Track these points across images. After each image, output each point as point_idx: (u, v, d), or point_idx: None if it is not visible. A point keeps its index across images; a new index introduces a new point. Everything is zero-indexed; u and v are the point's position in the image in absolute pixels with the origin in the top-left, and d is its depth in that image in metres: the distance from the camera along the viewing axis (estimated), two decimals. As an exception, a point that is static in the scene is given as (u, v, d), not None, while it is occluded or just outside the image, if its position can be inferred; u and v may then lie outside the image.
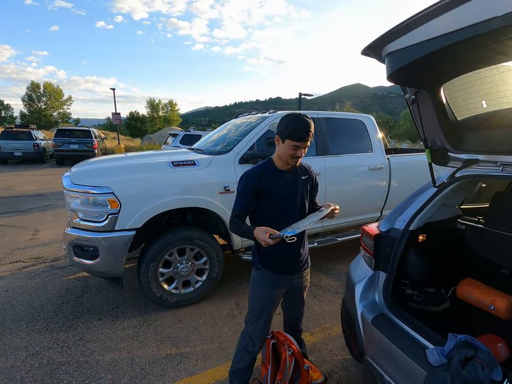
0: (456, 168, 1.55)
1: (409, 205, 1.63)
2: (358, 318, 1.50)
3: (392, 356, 1.30)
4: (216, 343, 2.27)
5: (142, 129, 47.72)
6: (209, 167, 2.74)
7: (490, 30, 0.81)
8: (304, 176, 1.60)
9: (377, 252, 1.56)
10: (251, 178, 1.49)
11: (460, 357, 1.06)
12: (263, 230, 1.32)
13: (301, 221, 1.44)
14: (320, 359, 2.10)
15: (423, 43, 1.00)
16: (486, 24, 0.81)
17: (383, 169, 3.71)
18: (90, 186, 2.37)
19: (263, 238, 1.30)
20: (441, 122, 1.46)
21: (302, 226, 1.34)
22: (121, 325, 2.46)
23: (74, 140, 12.85)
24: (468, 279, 1.68)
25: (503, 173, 1.38)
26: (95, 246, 2.37)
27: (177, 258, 2.64)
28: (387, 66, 1.17)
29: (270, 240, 1.29)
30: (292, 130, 1.38)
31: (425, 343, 1.24)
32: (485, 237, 1.66)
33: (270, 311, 1.59)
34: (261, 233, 1.32)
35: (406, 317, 1.37)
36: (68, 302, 2.77)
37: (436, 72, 1.20)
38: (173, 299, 2.66)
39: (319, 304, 2.82)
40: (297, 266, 1.59)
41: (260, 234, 1.32)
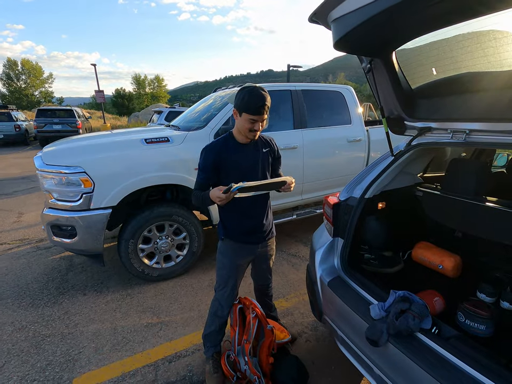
0: (412, 136, 1.59)
1: (368, 173, 1.69)
2: (317, 281, 1.60)
3: (343, 314, 1.41)
4: (196, 311, 2.40)
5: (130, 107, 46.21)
6: (184, 143, 2.74)
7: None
8: (265, 148, 1.62)
9: (336, 220, 1.63)
10: (210, 152, 1.51)
11: (396, 310, 1.16)
12: (217, 188, 1.37)
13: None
14: (292, 322, 2.25)
15: (362, 8, 1.00)
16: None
17: (362, 141, 3.74)
18: (62, 166, 2.36)
19: (217, 194, 1.34)
20: (396, 91, 1.47)
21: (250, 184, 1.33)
22: (105, 299, 2.57)
23: (57, 120, 12.44)
24: (423, 242, 1.78)
25: (453, 139, 1.42)
26: (72, 225, 2.41)
27: (157, 234, 2.71)
28: (333, 33, 1.16)
29: (223, 195, 1.31)
30: (247, 104, 1.39)
31: (372, 300, 1.35)
32: (440, 203, 1.74)
33: (235, 279, 1.68)
34: (215, 191, 1.36)
35: (358, 279, 1.47)
36: (53, 280, 2.86)
37: (382, 37, 1.20)
38: (154, 273, 2.76)
39: (296, 272, 2.96)
40: (260, 236, 1.66)
41: (214, 192, 1.36)
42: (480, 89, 1.24)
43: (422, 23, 1.10)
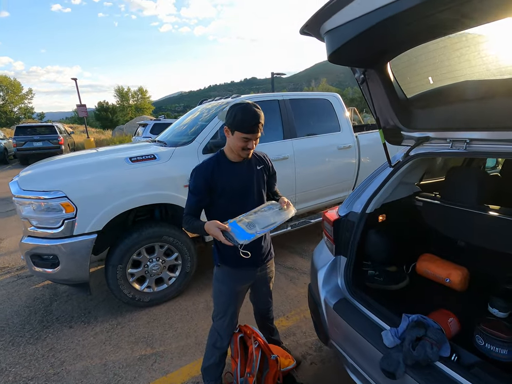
0: (410, 147, 1.54)
1: (367, 187, 1.62)
2: (322, 303, 1.51)
3: (353, 340, 1.32)
4: (192, 338, 2.25)
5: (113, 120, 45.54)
6: (171, 160, 2.62)
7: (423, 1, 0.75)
8: (259, 166, 1.53)
9: (337, 237, 1.55)
10: (201, 173, 1.41)
11: (411, 337, 1.08)
12: (214, 224, 1.26)
13: (257, 213, 1.38)
14: (295, 343, 2.14)
15: (357, 19, 0.93)
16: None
17: (352, 148, 3.71)
18: (41, 191, 2.20)
19: (214, 232, 1.25)
20: (391, 101, 1.42)
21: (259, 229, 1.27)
22: (93, 331, 2.39)
23: (37, 137, 12.04)
24: (426, 255, 1.73)
25: (452, 149, 1.38)
26: (54, 254, 2.24)
27: (147, 257, 2.56)
28: (326, 46, 1.10)
29: (223, 238, 1.24)
30: (240, 122, 1.30)
31: (382, 325, 1.26)
32: (440, 212, 1.69)
33: (235, 306, 1.57)
34: (212, 227, 1.26)
35: (366, 300, 1.39)
36: (35, 313, 2.65)
37: (378, 49, 1.15)
38: (146, 298, 2.60)
39: (294, 287, 2.86)
40: (259, 259, 1.56)
41: (211, 228, 1.27)
42: (480, 97, 1.20)
43: (418, 34, 1.05)
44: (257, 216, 1.37)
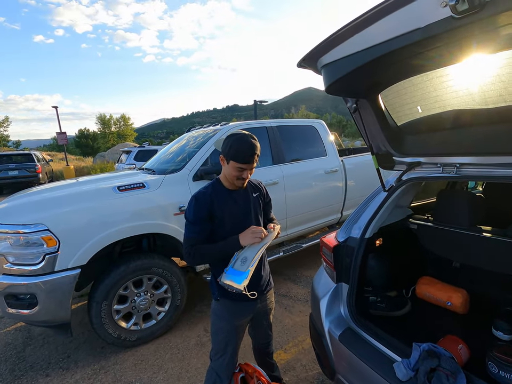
0: (402, 171, 1.59)
1: (363, 211, 1.64)
2: (326, 335, 1.45)
3: (362, 373, 1.25)
4: (185, 379, 2.08)
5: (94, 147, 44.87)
6: (161, 188, 2.56)
7: (413, 41, 0.80)
8: (255, 193, 1.52)
9: (337, 264, 1.52)
10: (202, 202, 1.37)
11: (426, 368, 1.04)
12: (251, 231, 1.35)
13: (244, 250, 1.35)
14: (296, 378, 2.03)
15: (355, 55, 0.98)
16: (409, 36, 0.80)
17: (339, 171, 3.80)
18: (20, 225, 2.06)
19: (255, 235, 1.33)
20: (383, 128, 1.48)
21: (251, 258, 1.26)
22: (73, 378, 2.16)
23: (13, 165, 11.54)
24: (425, 278, 1.73)
25: (443, 173, 1.43)
26: (32, 293, 2.06)
27: (134, 291, 2.41)
28: (324, 78, 1.14)
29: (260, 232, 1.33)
30: (235, 152, 1.30)
31: (392, 355, 1.21)
32: (434, 234, 1.72)
33: (235, 343, 1.47)
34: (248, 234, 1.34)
35: (371, 329, 1.34)
36: (6, 361, 2.38)
37: (371, 82, 1.21)
38: (133, 337, 2.41)
39: (290, 316, 2.76)
40: (259, 290, 1.49)
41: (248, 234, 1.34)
42: (467, 124, 1.27)
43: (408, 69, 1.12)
44: (246, 249, 1.34)
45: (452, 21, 0.71)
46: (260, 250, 1.34)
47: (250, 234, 1.33)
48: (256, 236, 1.33)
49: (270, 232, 1.39)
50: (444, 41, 0.81)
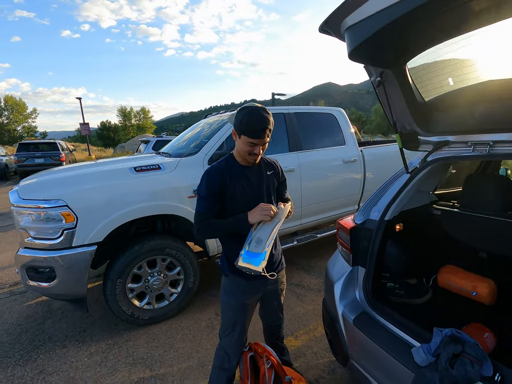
0: (428, 152, 1.49)
1: (383, 194, 1.55)
2: (340, 319, 1.39)
3: (377, 358, 1.19)
4: (195, 359, 2.09)
5: (115, 139, 46.18)
6: (176, 171, 2.56)
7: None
8: (269, 171, 1.47)
9: (354, 246, 1.46)
10: (214, 177, 1.34)
11: (448, 354, 0.97)
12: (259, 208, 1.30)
13: (257, 230, 1.30)
14: (306, 365, 1.99)
15: (381, 12, 0.91)
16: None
17: (357, 162, 3.68)
18: (41, 200, 2.12)
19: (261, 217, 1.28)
20: (409, 105, 1.38)
21: (266, 238, 1.22)
22: (88, 351, 2.22)
23: (39, 153, 12.08)
24: (448, 266, 1.63)
25: (474, 152, 1.32)
26: (51, 266, 2.12)
27: (148, 271, 2.44)
28: (347, 42, 1.07)
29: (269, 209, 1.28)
30: (246, 126, 1.25)
31: (410, 341, 1.15)
32: (460, 221, 1.61)
33: (244, 320, 1.45)
34: (257, 211, 1.29)
35: (388, 314, 1.28)
36: (27, 331, 2.49)
37: (398, 46, 1.12)
38: (145, 316, 2.45)
39: (302, 304, 2.71)
40: (269, 269, 1.45)
41: (257, 211, 1.29)
42: (503, 97, 1.16)
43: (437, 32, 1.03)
44: (259, 228, 1.30)
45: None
46: (273, 230, 1.30)
47: (259, 211, 1.29)
48: (265, 213, 1.28)
49: (280, 210, 1.33)
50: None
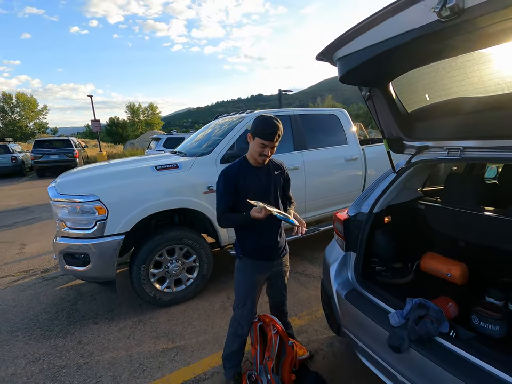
0: (411, 155, 1.74)
1: (374, 190, 1.81)
2: (334, 294, 1.67)
3: (363, 325, 1.47)
4: (210, 334, 2.40)
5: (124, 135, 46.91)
6: (192, 169, 2.86)
7: (412, 38, 0.98)
8: (276, 171, 1.75)
9: (347, 234, 1.73)
10: (230, 176, 1.63)
11: (415, 316, 1.24)
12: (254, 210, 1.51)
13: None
14: (307, 339, 2.27)
15: (365, 49, 1.16)
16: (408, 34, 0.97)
17: (359, 160, 3.92)
18: (77, 195, 2.44)
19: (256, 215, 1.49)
20: (394, 115, 1.64)
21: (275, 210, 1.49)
22: (117, 326, 2.56)
23: (54, 150, 12.59)
24: (430, 253, 1.88)
25: (449, 156, 1.57)
26: (86, 253, 2.45)
27: (167, 258, 2.75)
28: (338, 69, 1.33)
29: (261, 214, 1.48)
30: (261, 130, 1.54)
31: (389, 309, 1.42)
32: (441, 215, 1.87)
33: (254, 296, 1.74)
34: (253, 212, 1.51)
35: (373, 289, 1.55)
36: (62, 310, 2.84)
37: (381, 72, 1.37)
38: (166, 298, 2.77)
39: (305, 290, 3.00)
40: (275, 253, 1.74)
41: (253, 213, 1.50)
42: (470, 111, 1.41)
43: (415, 60, 1.27)
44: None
45: (439, 23, 0.88)
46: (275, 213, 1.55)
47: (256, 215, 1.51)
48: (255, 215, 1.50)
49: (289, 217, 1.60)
50: (436, 39, 0.97)
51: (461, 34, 0.91)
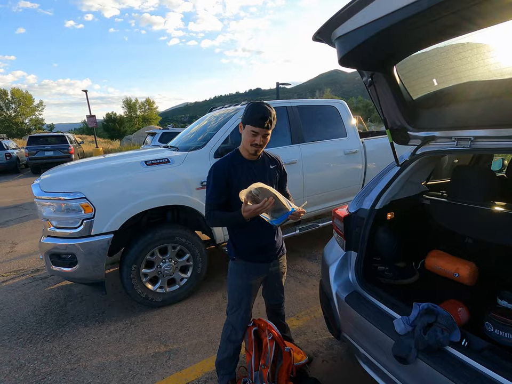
0: (416, 146, 1.61)
1: (376, 185, 1.69)
2: (333, 297, 1.56)
3: (365, 330, 1.36)
4: (204, 336, 2.30)
5: (121, 130, 46.52)
6: (184, 164, 2.72)
7: (420, 10, 0.84)
8: (272, 165, 1.62)
9: (347, 233, 1.61)
10: (220, 170, 1.50)
11: (422, 323, 1.12)
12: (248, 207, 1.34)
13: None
14: (306, 341, 2.17)
15: (366, 26, 1.03)
16: (416, 5, 0.84)
17: (359, 153, 3.79)
18: (61, 192, 2.31)
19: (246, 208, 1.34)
20: (398, 103, 1.50)
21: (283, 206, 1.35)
22: (108, 329, 2.45)
23: (49, 146, 12.36)
24: (435, 251, 1.77)
25: (457, 147, 1.44)
26: (73, 253, 2.33)
27: (160, 257, 2.64)
28: (337, 50, 1.19)
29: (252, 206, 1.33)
30: (250, 116, 1.41)
31: (394, 314, 1.31)
32: (448, 210, 1.74)
33: (249, 299, 1.62)
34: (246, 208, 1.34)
35: (376, 292, 1.44)
36: (51, 312, 2.73)
37: (385, 53, 1.24)
38: (158, 298, 2.66)
39: (304, 289, 2.89)
40: (272, 254, 1.62)
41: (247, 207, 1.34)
42: (482, 97, 1.27)
43: (423, 38, 1.14)
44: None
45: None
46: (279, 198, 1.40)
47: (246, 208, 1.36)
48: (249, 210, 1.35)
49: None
50: (452, 8, 0.84)
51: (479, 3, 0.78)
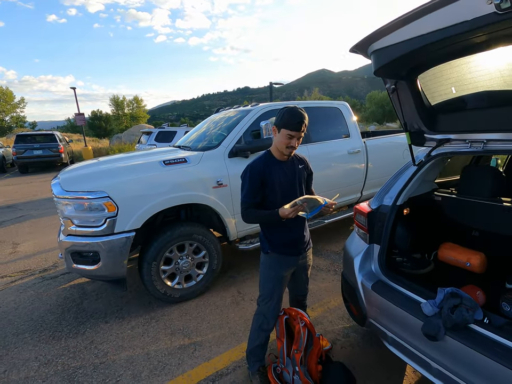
0: (432, 147, 1.77)
1: (394, 183, 1.84)
2: (359, 286, 1.69)
3: (393, 315, 1.50)
4: (226, 329, 2.40)
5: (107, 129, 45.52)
6: (201, 163, 2.80)
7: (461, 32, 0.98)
8: (300, 165, 1.74)
9: (370, 227, 1.75)
10: (255, 170, 1.60)
11: (449, 305, 1.27)
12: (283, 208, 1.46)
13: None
14: (324, 330, 2.31)
15: (404, 42, 1.16)
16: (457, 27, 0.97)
17: (361, 153, 3.96)
18: (85, 192, 2.35)
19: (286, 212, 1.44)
20: (418, 108, 1.65)
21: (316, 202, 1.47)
22: (129, 325, 2.51)
23: (38, 145, 12.03)
24: (447, 243, 1.94)
25: (471, 148, 1.61)
26: (96, 251, 2.37)
27: (178, 254, 2.71)
28: (373, 62, 1.32)
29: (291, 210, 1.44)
30: (287, 120, 1.52)
31: (419, 299, 1.45)
32: (458, 205, 1.92)
33: (280, 290, 1.74)
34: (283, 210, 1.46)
35: (400, 280, 1.58)
36: (69, 310, 2.76)
37: (413, 65, 1.38)
38: (177, 294, 2.74)
39: (314, 283, 3.03)
40: (301, 247, 1.74)
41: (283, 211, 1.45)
42: (497, 104, 1.43)
43: (450, 54, 1.28)
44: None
45: (494, 16, 0.88)
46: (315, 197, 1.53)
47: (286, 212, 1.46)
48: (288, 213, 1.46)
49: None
50: (485, 32, 0.98)
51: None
